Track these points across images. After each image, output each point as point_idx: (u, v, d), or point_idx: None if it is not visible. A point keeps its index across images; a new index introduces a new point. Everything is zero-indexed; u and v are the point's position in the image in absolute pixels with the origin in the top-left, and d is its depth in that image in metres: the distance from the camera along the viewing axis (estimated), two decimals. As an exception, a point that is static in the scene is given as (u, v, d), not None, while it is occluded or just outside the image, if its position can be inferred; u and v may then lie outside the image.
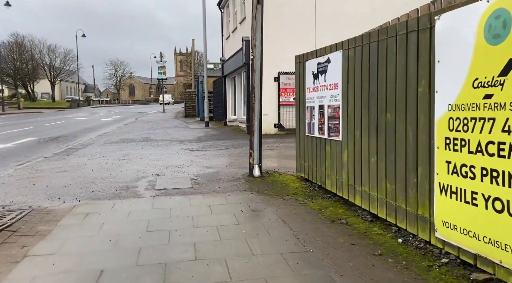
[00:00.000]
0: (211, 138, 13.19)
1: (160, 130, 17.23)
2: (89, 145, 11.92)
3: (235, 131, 15.22)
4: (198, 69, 44.25)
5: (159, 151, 10.24)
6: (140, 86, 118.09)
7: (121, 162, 8.57)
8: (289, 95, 13.21)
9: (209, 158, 8.77)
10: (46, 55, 61.47)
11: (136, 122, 24.09)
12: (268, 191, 5.49)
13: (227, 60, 17.43)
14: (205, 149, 10.46)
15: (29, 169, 7.95)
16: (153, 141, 12.83)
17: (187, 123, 22.21)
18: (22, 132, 17.07)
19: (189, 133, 15.44)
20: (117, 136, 14.82)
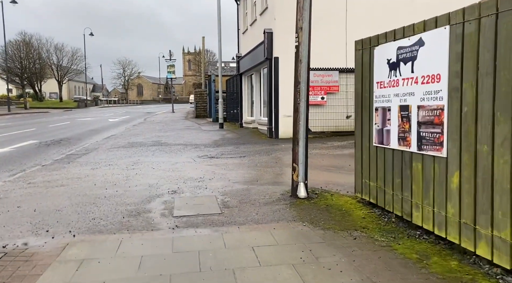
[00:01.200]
0: (229, 142, 11.82)
1: (171, 132, 15.92)
2: (94, 150, 10.62)
3: (254, 134, 13.84)
4: (208, 68, 43.00)
5: (173, 158, 8.90)
6: (148, 86, 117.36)
7: (129, 173, 7.23)
8: (317, 94, 11.79)
9: (232, 169, 7.39)
10: (54, 54, 60.70)
11: (145, 123, 22.84)
12: (326, 221, 4.09)
13: (243, 57, 16.05)
14: (225, 156, 9.08)
15: (20, 182, 6.64)
16: (165, 145, 11.50)
17: (199, 124, 20.89)
18: (24, 134, 15.87)
19: (203, 136, 14.09)
20: (125, 139, 13.53)
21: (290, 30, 11.75)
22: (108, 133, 16.42)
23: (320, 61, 11.65)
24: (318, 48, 11.73)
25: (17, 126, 20.95)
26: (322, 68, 11.77)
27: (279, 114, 11.80)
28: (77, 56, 63.35)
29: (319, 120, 11.87)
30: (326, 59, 11.72)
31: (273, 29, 11.69)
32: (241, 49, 16.80)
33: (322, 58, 11.71)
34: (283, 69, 11.66)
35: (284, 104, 11.79)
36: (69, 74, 65.02)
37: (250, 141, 11.79)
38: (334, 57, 11.78)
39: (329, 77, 11.72)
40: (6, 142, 13.19)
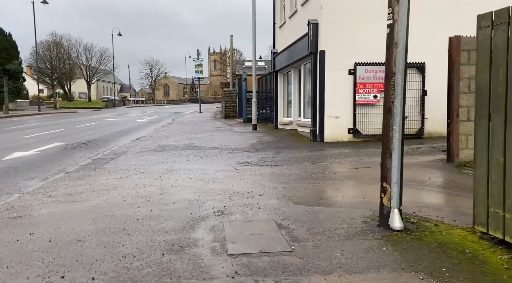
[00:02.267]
0: (268, 146, 10.65)
1: (202, 134, 14.92)
2: (123, 154, 9.70)
3: (294, 136, 12.62)
4: (236, 67, 42.08)
5: (210, 166, 7.81)
6: (174, 86, 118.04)
7: (164, 183, 6.18)
8: (368, 92, 10.45)
9: (283, 181, 6.21)
10: (83, 54, 61.42)
11: (174, 123, 22.03)
12: (453, 273, 2.83)
13: (280, 53, 14.84)
14: (269, 164, 7.92)
15: (40, 194, 5.71)
16: (198, 149, 10.46)
17: (230, 125, 19.85)
18: (51, 135, 15.26)
19: (238, 138, 12.98)
20: (155, 141, 12.61)
21: (339, 20, 10.50)
22: (137, 135, 15.61)
23: (370, 54, 10.34)
24: (368, 39, 10.43)
25: (45, 126, 20.55)
26: (373, 62, 10.43)
27: (324, 115, 10.54)
28: (105, 56, 63.91)
29: (370, 121, 10.53)
30: (379, 52, 10.32)
31: (318, 20, 10.44)
32: (277, 44, 15.60)
33: (373, 51, 10.36)
34: (331, 64, 10.40)
35: (331, 104, 10.52)
36: (97, 74, 65.72)
37: (292, 145, 10.58)
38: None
39: (382, 73, 10.29)
40: (32, 144, 12.51)
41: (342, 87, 10.47)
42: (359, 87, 10.40)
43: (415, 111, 10.58)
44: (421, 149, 8.95)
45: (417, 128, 10.64)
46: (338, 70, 10.42)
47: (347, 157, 8.37)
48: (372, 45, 10.21)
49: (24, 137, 14.71)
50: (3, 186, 6.61)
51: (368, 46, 10.29)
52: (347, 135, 10.63)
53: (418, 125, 10.62)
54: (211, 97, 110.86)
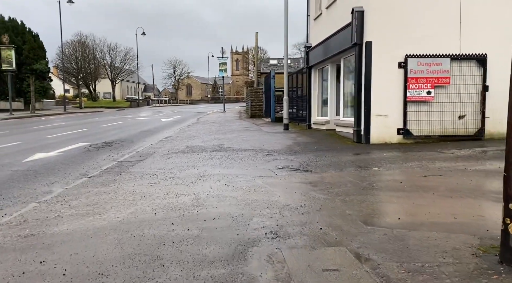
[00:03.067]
0: (306, 148, 9.66)
1: (230, 134, 14.07)
2: (150, 156, 8.93)
3: (332, 137, 11.57)
4: (260, 66, 41.21)
5: (247, 170, 6.92)
6: (197, 85, 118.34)
7: (198, 192, 5.32)
8: (421, 88, 9.30)
9: (342, 192, 5.23)
10: (107, 54, 61.91)
11: (199, 123, 21.32)
12: None
13: (314, 47, 13.81)
14: (313, 169, 6.96)
15: (58, 204, 4.94)
16: (229, 150, 9.59)
17: (257, 125, 18.95)
18: (75, 135, 14.75)
19: (270, 139, 12.05)
20: (182, 142, 11.83)
21: (389, 7, 9.31)
22: (163, 135, 14.92)
23: (423, 45, 9.23)
24: (421, 29, 9.30)
25: (70, 126, 20.21)
26: (427, 54, 9.28)
27: (370, 113, 9.47)
28: (129, 56, 64.26)
29: (423, 121, 9.39)
30: (432, 43, 9.23)
31: (364, 7, 9.37)
32: (311, 38, 14.58)
33: (426, 41, 9.26)
34: (378, 57, 9.32)
35: (378, 101, 9.44)
36: (121, 74, 66.18)
37: (334, 147, 9.55)
38: (443, 40, 9.24)
39: (437, 66, 9.20)
40: (55, 144, 11.96)
41: (390, 82, 9.37)
42: (410, 82, 9.26)
43: (474, 109, 9.37)
44: (490, 153, 7.77)
45: (476, 128, 9.42)
46: (386, 63, 9.33)
47: (405, 161, 7.29)
48: (428, 34, 9.13)
49: (47, 137, 14.25)
50: (19, 193, 5.91)
51: (423, 36, 9.18)
52: (396, 136, 9.52)
53: (477, 125, 9.40)
54: (233, 97, 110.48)
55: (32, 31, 41.04)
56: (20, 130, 17.68)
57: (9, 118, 26.76)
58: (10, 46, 30.48)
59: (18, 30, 39.52)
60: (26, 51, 39.11)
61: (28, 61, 39.18)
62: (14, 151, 10.53)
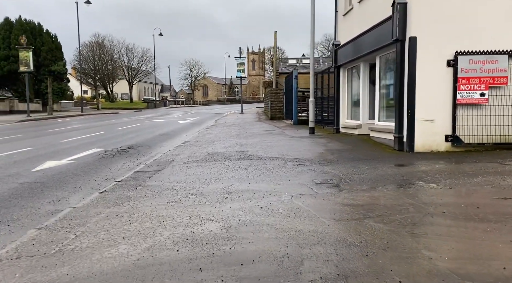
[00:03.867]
0: (342, 157, 8.65)
1: (253, 138, 13.15)
2: (168, 165, 8.09)
3: (368, 144, 10.51)
4: (279, 66, 40.23)
5: (281, 185, 5.99)
6: (213, 86, 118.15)
7: (227, 216, 4.43)
8: (473, 89, 8.18)
9: (408, 221, 4.23)
10: (124, 55, 61.88)
11: (217, 125, 20.49)
12: None
13: (345, 45, 12.76)
14: (359, 185, 5.97)
15: (60, 232, 4.12)
16: (255, 159, 8.67)
17: (279, 128, 17.99)
18: (90, 139, 14.09)
19: (298, 145, 11.08)
20: (202, 147, 10.98)
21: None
22: (181, 139, 14.14)
23: (476, 41, 8.12)
24: (474, 22, 8.19)
25: (85, 129, 19.65)
26: (481, 51, 8.16)
27: (414, 118, 8.40)
28: (146, 57, 64.13)
29: (475, 127, 8.27)
30: (487, 38, 8.11)
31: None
32: (339, 35, 13.54)
33: (480, 36, 8.15)
34: (423, 54, 8.25)
35: (423, 104, 8.37)
36: (138, 75, 66.13)
37: (373, 156, 8.52)
38: (500, 34, 8.11)
39: (492, 64, 8.07)
40: (69, 150, 11.27)
41: (438, 83, 8.29)
42: (460, 83, 8.16)
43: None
44: None
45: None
46: (433, 61, 8.26)
47: (466, 176, 6.22)
48: (481, 28, 8.02)
49: (61, 141, 13.61)
50: (20, 214, 5.13)
51: (475, 30, 8.08)
52: (444, 144, 8.42)
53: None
54: (249, 97, 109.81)
55: (50, 32, 41.04)
56: (35, 134, 17.18)
57: (26, 120, 26.52)
58: (27, 48, 30.32)
59: (36, 31, 39.55)
60: (44, 53, 39.10)
61: (46, 62, 39.16)
62: (24, 158, 9.86)
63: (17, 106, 34.85)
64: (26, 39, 33.13)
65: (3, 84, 39.64)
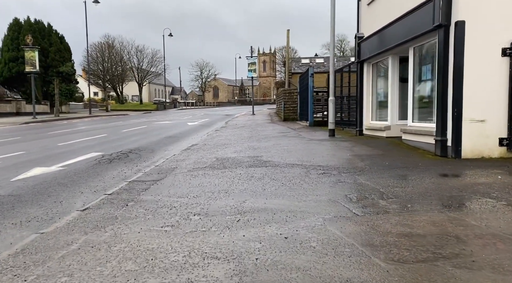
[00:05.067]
0: (375, 164, 7.32)
1: (266, 142, 11.91)
2: (170, 174, 6.90)
3: (401, 148, 9.15)
4: (292, 65, 38.96)
5: (306, 203, 4.74)
6: (223, 87, 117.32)
7: (239, 250, 3.22)
8: (536, 84, 6.80)
9: (503, 269, 2.93)
10: (134, 56, 61.26)
11: (228, 127, 19.31)
12: None
13: (369, 37, 11.42)
14: (407, 203, 4.69)
15: (7, 276, 2.92)
16: (271, 166, 7.42)
17: (294, 129, 16.70)
18: (90, 142, 13.02)
19: (318, 149, 9.79)
20: (210, 152, 9.77)
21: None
22: (188, 142, 12.98)
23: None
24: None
25: (89, 131, 18.66)
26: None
27: (462, 117, 7.06)
28: (156, 58, 63.46)
29: (537, 128, 6.88)
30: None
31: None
32: (363, 27, 12.21)
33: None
34: (475, 41, 6.92)
35: (473, 101, 7.03)
36: (148, 76, 65.48)
37: (412, 163, 7.19)
38: None
39: (559, 54, 6.68)
40: (63, 155, 10.18)
41: (490, 77, 6.95)
42: (520, 76, 6.79)
43: None
44: None
45: None
46: (485, 50, 6.92)
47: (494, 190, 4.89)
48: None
49: (59, 144, 12.56)
50: (-30, 242, 3.96)
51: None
52: (497, 149, 7.06)
53: None
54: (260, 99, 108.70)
55: (58, 33, 40.48)
56: (34, 136, 16.22)
57: (31, 122, 25.73)
58: (33, 47, 29.61)
59: (44, 32, 39.00)
60: (52, 54, 38.53)
61: (54, 63, 38.58)
62: (10, 164, 8.78)
63: (24, 107, 34.23)
64: (33, 39, 32.50)
65: (12, 85, 39.16)
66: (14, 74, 37.04)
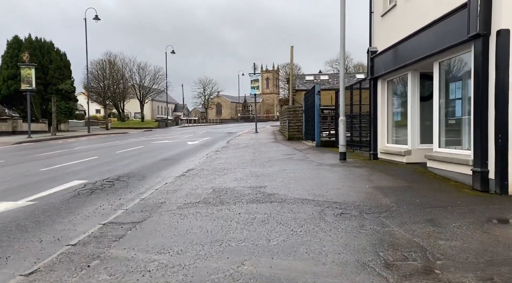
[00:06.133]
0: (403, 202, 6.07)
1: (271, 166, 10.70)
2: (155, 213, 5.70)
3: (428, 178, 7.88)
4: (296, 82, 38.04)
5: (327, 267, 3.53)
6: (227, 104, 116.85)
7: None
8: None
9: None
10: (136, 74, 60.70)
11: (229, 147, 18.14)
12: None
13: (385, 51, 10.31)
14: (471, 275, 3.43)
15: None
16: (277, 202, 6.21)
17: (300, 150, 15.50)
18: (77, 167, 11.85)
19: (331, 178, 8.56)
20: (207, 180, 8.57)
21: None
22: (184, 166, 11.81)
23: None
24: None
25: (81, 152, 17.52)
26: None
27: (508, 145, 5.84)
28: (158, 75, 62.91)
29: None
30: None
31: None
32: (376, 41, 11.12)
33: None
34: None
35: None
36: (150, 94, 64.80)
37: (448, 202, 5.92)
38: None
39: None
40: (40, 183, 9.00)
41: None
42: None
43: None
44: None
45: None
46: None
47: None
48: None
49: (41, 169, 11.39)
50: None
51: None
52: (554, 184, 5.80)
53: None
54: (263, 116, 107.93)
55: (59, 50, 39.93)
56: (19, 159, 15.09)
57: (25, 141, 24.69)
58: (30, 65, 28.84)
59: (44, 49, 38.44)
60: (52, 71, 37.86)
61: (53, 81, 37.87)
62: (-26, 196, 7.59)
63: (20, 126, 33.30)
64: (33, 56, 31.79)
65: (10, 103, 38.41)
66: (12, 92, 36.28)
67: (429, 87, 10.05)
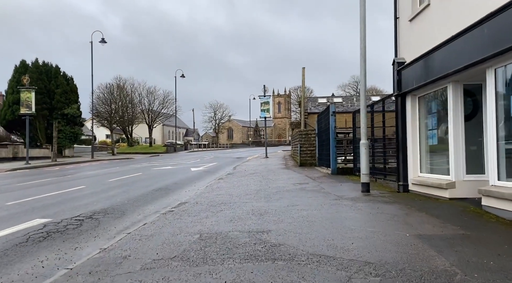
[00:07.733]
0: (470, 264, 4.13)
1: (278, 200, 8.86)
2: (108, 275, 3.90)
3: (486, 221, 5.93)
4: (308, 105, 36.43)
5: None
6: (238, 129, 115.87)
7: None
8: None
9: None
10: (145, 98, 59.99)
11: (235, 174, 16.34)
12: None
13: (415, 60, 8.52)
14: None
15: None
16: (281, 260, 4.35)
17: (314, 179, 13.60)
18: (49, 200, 10.15)
19: (356, 220, 6.65)
20: (196, 220, 6.76)
21: None
22: (177, 198, 10.09)
23: None
24: None
25: (69, 181, 15.89)
26: None
27: None
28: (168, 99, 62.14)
29: None
30: None
31: None
32: (403, 50, 9.37)
33: None
34: None
35: None
36: (159, 118, 63.90)
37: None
38: None
39: None
40: (-8, 223, 7.28)
41: None
42: None
43: None
44: None
45: None
46: None
47: None
48: None
49: (7, 203, 9.72)
50: None
51: None
52: None
53: None
54: (275, 140, 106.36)
55: (66, 74, 39.30)
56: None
57: (20, 168, 23.30)
58: (30, 88, 27.85)
59: (51, 74, 37.81)
60: (58, 95, 37.06)
61: (59, 105, 36.99)
62: None
63: (22, 152, 32.13)
64: (35, 80, 30.99)
65: (14, 128, 37.52)
66: (17, 117, 35.37)
67: (470, 104, 8.21)
